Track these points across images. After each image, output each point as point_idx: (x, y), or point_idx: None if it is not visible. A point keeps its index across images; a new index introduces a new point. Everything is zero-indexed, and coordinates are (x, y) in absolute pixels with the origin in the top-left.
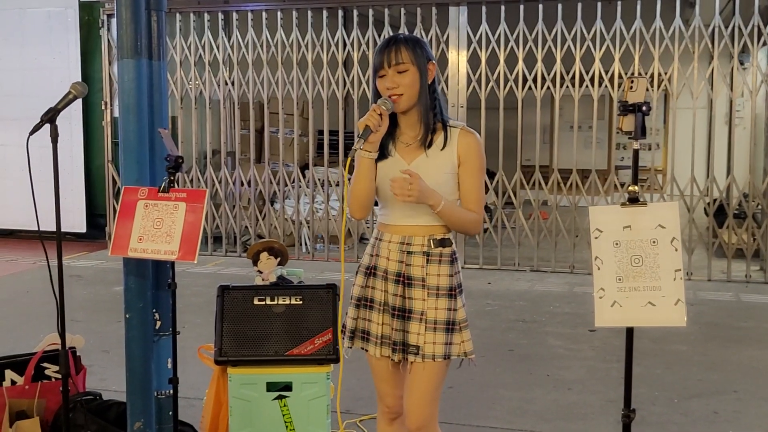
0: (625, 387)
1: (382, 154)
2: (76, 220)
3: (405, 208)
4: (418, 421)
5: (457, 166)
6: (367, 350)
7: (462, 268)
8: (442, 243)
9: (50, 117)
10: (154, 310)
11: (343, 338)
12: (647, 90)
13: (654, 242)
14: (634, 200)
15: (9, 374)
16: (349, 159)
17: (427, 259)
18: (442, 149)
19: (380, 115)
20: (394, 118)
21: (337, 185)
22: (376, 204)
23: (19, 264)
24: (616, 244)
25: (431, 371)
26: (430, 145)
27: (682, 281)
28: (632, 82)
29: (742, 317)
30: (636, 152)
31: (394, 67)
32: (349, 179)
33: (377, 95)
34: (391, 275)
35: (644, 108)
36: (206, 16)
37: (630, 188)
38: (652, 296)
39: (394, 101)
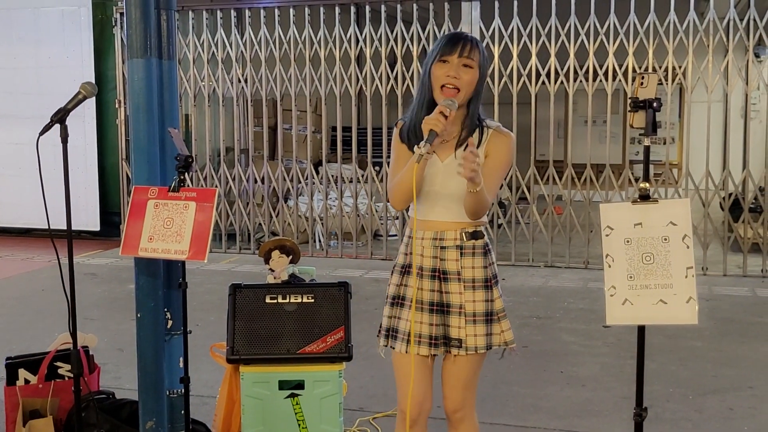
0: (637, 385)
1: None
2: (90, 218)
3: (440, 204)
4: (454, 404)
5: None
6: (394, 348)
7: None
8: (474, 235)
9: (60, 117)
10: (165, 310)
11: (379, 337)
12: (661, 84)
13: (665, 239)
14: (645, 197)
15: (22, 373)
16: (416, 164)
17: (461, 253)
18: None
19: (446, 117)
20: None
21: (350, 182)
22: None
23: (34, 262)
24: (627, 241)
25: (472, 362)
26: (467, 145)
27: (693, 279)
28: (643, 78)
29: (758, 312)
30: (647, 149)
31: (462, 59)
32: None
33: (428, 83)
34: (426, 271)
35: (655, 104)
36: (219, 14)
37: (641, 185)
38: (663, 294)
39: (448, 93)
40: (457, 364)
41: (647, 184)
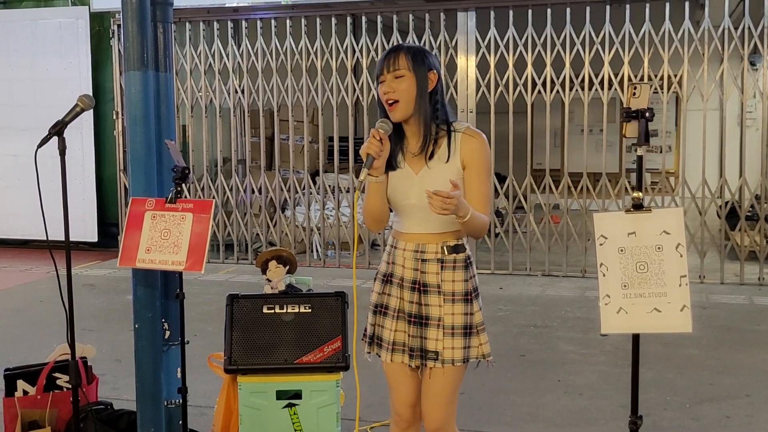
0: (632, 394)
1: (392, 164)
2: (88, 229)
3: (418, 217)
4: (435, 423)
5: (462, 170)
6: (380, 356)
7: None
8: (456, 249)
9: (58, 130)
10: (163, 320)
11: (364, 342)
12: (656, 92)
13: (659, 248)
14: (638, 206)
15: (21, 384)
16: (356, 193)
17: (442, 266)
18: (447, 157)
19: (380, 140)
20: (401, 128)
21: (348, 191)
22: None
23: (32, 273)
24: (621, 250)
25: (450, 375)
26: (432, 154)
27: (687, 287)
28: (635, 88)
29: (755, 320)
30: (640, 159)
31: (392, 72)
32: (360, 198)
33: (381, 105)
34: (407, 283)
35: (647, 114)
36: (215, 25)
37: (634, 195)
38: (657, 302)
39: (390, 107)
40: (433, 378)
41: (640, 194)
